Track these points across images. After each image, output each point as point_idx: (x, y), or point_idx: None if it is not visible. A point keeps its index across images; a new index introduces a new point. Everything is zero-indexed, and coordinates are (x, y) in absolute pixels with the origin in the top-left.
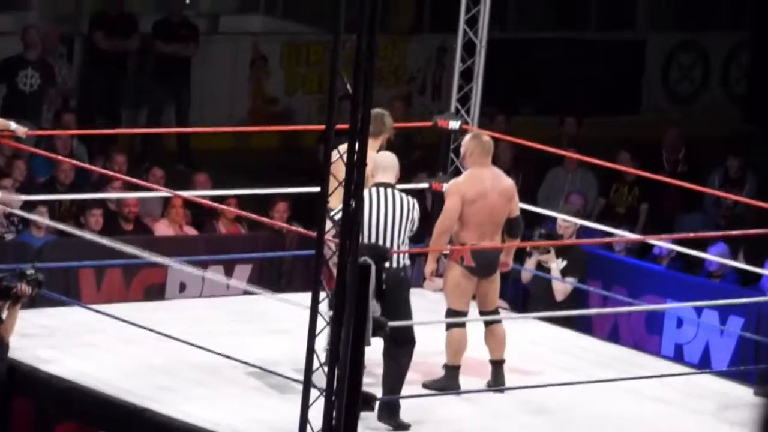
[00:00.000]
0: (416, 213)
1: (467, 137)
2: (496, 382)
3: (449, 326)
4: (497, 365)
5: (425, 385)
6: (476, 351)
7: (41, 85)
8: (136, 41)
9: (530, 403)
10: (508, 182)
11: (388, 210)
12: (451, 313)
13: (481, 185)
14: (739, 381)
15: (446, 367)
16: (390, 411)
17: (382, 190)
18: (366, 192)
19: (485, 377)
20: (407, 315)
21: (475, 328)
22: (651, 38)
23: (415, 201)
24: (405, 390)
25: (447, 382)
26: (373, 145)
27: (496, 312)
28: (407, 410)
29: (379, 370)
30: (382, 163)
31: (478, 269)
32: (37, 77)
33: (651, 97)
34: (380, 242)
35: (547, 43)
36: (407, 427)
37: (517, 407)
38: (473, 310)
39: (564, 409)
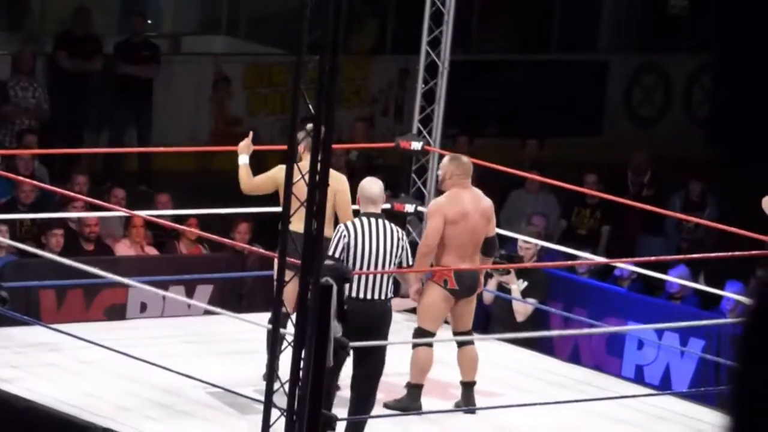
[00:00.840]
0: (406, 243)
1: (445, 159)
2: (467, 404)
3: (416, 345)
4: (468, 387)
5: (387, 405)
6: (444, 372)
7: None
8: (99, 62)
9: (492, 424)
10: (488, 202)
11: (380, 241)
12: (420, 332)
13: (462, 206)
14: (699, 402)
15: (409, 386)
16: None
17: (373, 220)
18: (357, 222)
19: (452, 399)
20: (385, 349)
21: (445, 349)
22: (613, 60)
23: (403, 232)
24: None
25: (409, 402)
26: None
27: (469, 333)
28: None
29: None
30: (369, 193)
31: (460, 291)
32: None
33: (613, 119)
34: (369, 277)
35: (509, 65)
36: None
37: (480, 428)
38: (445, 331)
39: (524, 429)
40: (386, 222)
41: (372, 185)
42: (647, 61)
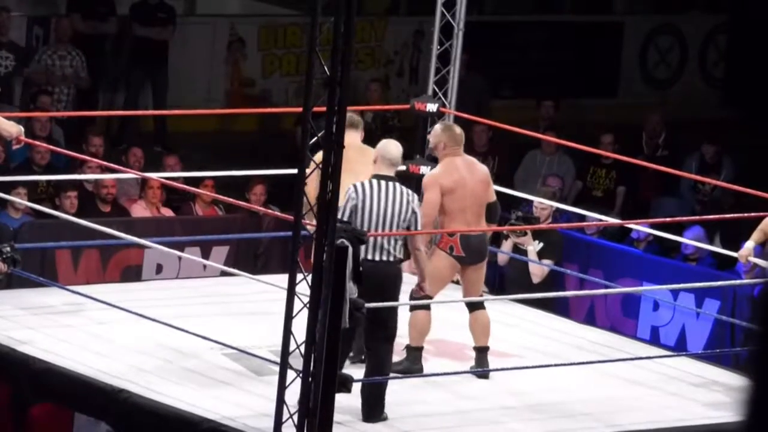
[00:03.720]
0: (416, 206)
1: (437, 128)
2: (480, 368)
3: (414, 308)
4: (481, 352)
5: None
6: (459, 335)
7: (15, 67)
8: (114, 24)
9: (506, 387)
10: (483, 168)
11: (387, 203)
12: (415, 297)
13: (458, 174)
14: (715, 363)
15: (409, 348)
16: (377, 410)
17: (383, 182)
18: (366, 183)
19: (467, 362)
20: (394, 312)
21: (458, 312)
22: (628, 21)
23: (415, 194)
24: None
25: (410, 365)
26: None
27: (480, 301)
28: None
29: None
30: (389, 155)
31: (467, 258)
32: (11, 59)
33: (628, 80)
34: (378, 238)
35: (524, 27)
36: (386, 418)
37: (495, 391)
38: (457, 292)
39: (540, 391)
40: (397, 184)
41: (392, 147)
42: (662, 22)
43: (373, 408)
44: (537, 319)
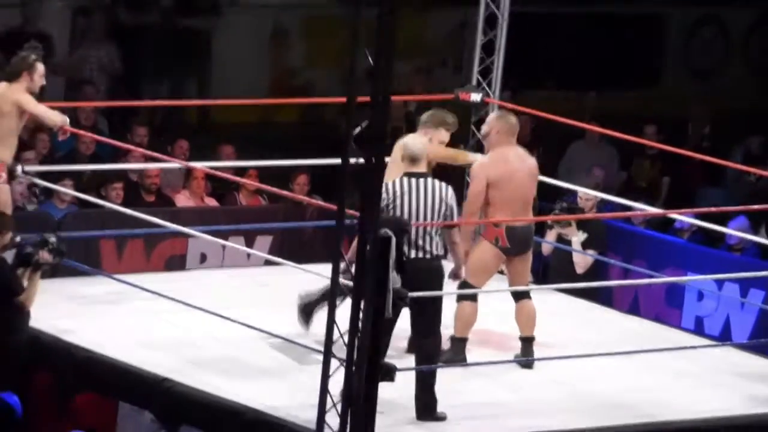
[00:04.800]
0: (451, 200)
1: (492, 115)
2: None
3: (461, 299)
4: (527, 342)
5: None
6: (504, 325)
7: (43, 57)
8: (157, 14)
9: (550, 376)
10: (533, 161)
11: (420, 201)
12: (465, 286)
13: (507, 165)
14: (759, 354)
15: (453, 339)
16: (430, 409)
17: (414, 180)
18: (397, 182)
19: (511, 352)
20: (438, 307)
21: (504, 302)
22: (671, 12)
23: (450, 188)
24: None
25: (453, 355)
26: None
27: (526, 291)
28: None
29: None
30: (410, 151)
31: (512, 249)
32: (39, 49)
33: (672, 71)
34: (414, 236)
35: (568, 17)
36: (444, 417)
37: (539, 381)
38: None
39: (583, 381)
40: (429, 180)
41: (411, 142)
42: (706, 13)
43: (426, 406)
44: (581, 309)
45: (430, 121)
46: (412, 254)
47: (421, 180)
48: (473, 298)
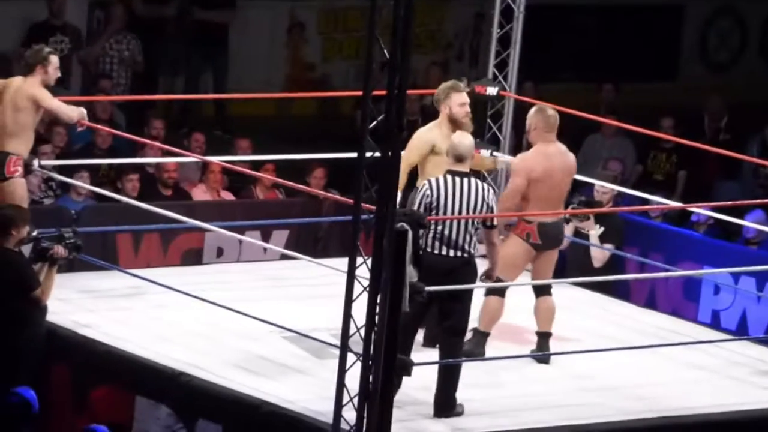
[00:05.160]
0: (492, 201)
1: (532, 111)
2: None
3: (489, 293)
4: (544, 337)
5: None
6: (521, 319)
7: (71, 49)
8: (173, 8)
9: (567, 371)
10: (572, 158)
11: (462, 200)
12: (496, 281)
13: (548, 162)
14: None
15: (476, 331)
16: (449, 407)
17: (458, 179)
18: (441, 180)
19: (527, 345)
20: (469, 307)
21: (523, 295)
22: (688, 4)
23: (491, 190)
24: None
25: (473, 348)
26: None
27: (548, 286)
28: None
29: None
30: (457, 150)
31: (543, 245)
32: (66, 42)
33: (688, 63)
34: (452, 234)
35: (584, 9)
36: (462, 411)
37: (555, 375)
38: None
39: (600, 375)
40: (473, 180)
41: (459, 141)
42: (723, 4)
43: (445, 404)
44: (598, 303)
45: (440, 96)
46: (448, 251)
47: (465, 179)
48: (501, 293)
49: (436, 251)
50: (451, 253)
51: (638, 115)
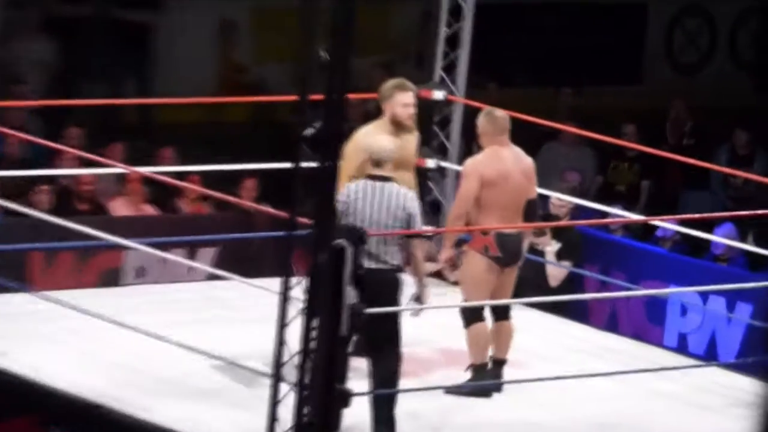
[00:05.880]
0: (412, 207)
1: (480, 115)
2: (494, 380)
3: (470, 322)
4: (498, 364)
5: (451, 392)
6: (462, 342)
7: None
8: (91, 7)
9: (519, 398)
10: (529, 161)
11: (377, 207)
12: (469, 308)
13: (502, 165)
14: (748, 374)
15: (473, 368)
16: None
17: (375, 183)
18: (359, 185)
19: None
20: (396, 321)
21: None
22: (653, 2)
23: (412, 194)
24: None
25: (481, 382)
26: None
27: (507, 306)
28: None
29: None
30: (382, 155)
31: (504, 259)
32: None
33: (653, 66)
34: (370, 244)
35: (541, 8)
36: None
37: (508, 404)
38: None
39: (557, 405)
40: (391, 185)
41: (374, 142)
42: (690, 2)
43: (382, 423)
44: (554, 326)
45: (384, 95)
46: (365, 264)
47: (380, 184)
48: (480, 317)
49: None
50: (372, 265)
51: (599, 121)
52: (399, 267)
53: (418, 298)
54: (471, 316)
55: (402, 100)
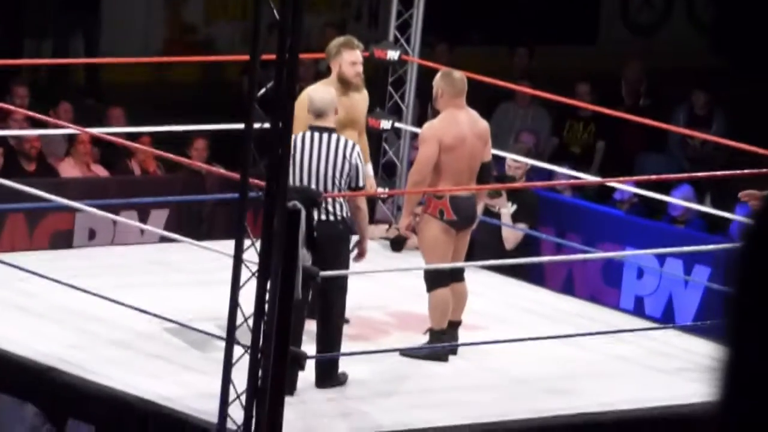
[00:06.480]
0: (355, 159)
1: (437, 76)
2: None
3: (432, 287)
4: (453, 327)
5: (407, 354)
6: (421, 306)
7: None
8: None
9: (476, 362)
10: (484, 124)
11: (321, 158)
12: (432, 273)
13: (459, 129)
14: (705, 336)
15: (431, 332)
16: (329, 374)
17: (316, 135)
18: (299, 136)
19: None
20: (344, 278)
21: (420, 279)
22: None
23: (356, 146)
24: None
25: (438, 350)
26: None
27: (461, 270)
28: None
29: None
30: (317, 104)
31: (459, 222)
32: None
33: (609, 26)
34: (333, 196)
35: None
36: (345, 380)
37: (464, 368)
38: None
39: (513, 367)
40: (334, 135)
41: (315, 94)
42: None
43: (326, 371)
44: (509, 288)
45: (331, 52)
46: (316, 216)
47: (325, 135)
48: (443, 282)
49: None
50: (322, 217)
51: (554, 81)
52: (344, 219)
53: (360, 252)
54: (434, 281)
55: (349, 59)
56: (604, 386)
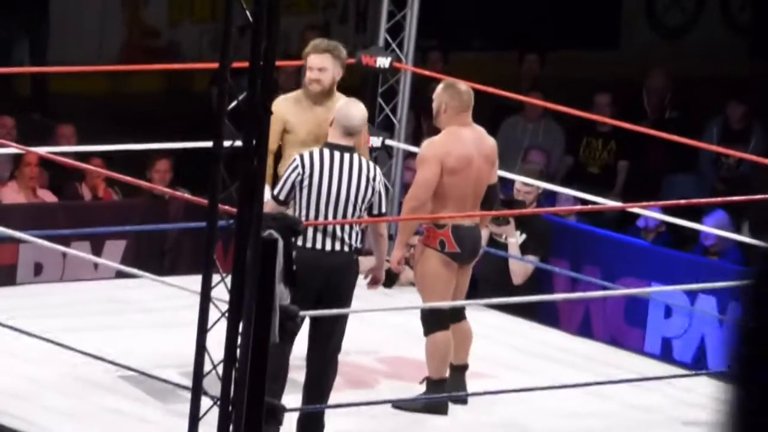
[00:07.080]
0: (380, 185)
1: (439, 87)
2: (456, 391)
3: (430, 330)
4: (458, 371)
5: (403, 407)
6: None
7: None
8: None
9: (484, 414)
10: (491, 143)
11: (343, 179)
12: (431, 314)
13: (464, 148)
14: None
15: (428, 382)
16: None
17: (338, 153)
18: (316, 153)
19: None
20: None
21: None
22: None
23: (379, 171)
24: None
25: (429, 402)
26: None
27: (462, 308)
28: None
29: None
30: (343, 120)
31: (462, 255)
32: None
33: (633, 28)
34: (330, 219)
35: None
36: None
37: (471, 420)
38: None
39: (521, 420)
40: (356, 156)
41: (353, 111)
42: None
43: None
44: (519, 330)
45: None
46: (327, 245)
47: (347, 155)
48: (443, 325)
49: (309, 244)
50: (327, 245)
51: (569, 91)
52: (358, 249)
53: (374, 279)
54: (433, 323)
55: (308, 63)
56: None
